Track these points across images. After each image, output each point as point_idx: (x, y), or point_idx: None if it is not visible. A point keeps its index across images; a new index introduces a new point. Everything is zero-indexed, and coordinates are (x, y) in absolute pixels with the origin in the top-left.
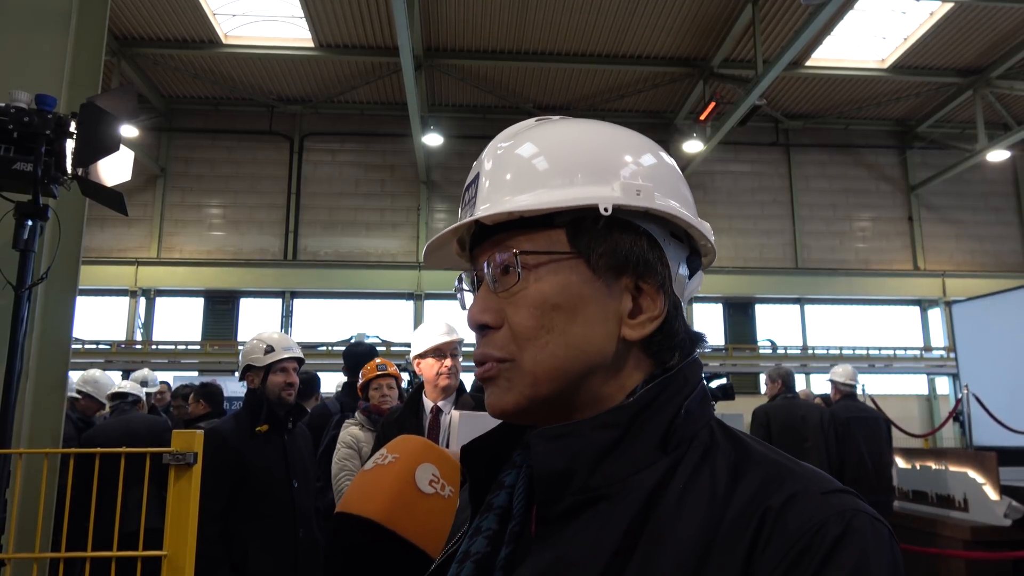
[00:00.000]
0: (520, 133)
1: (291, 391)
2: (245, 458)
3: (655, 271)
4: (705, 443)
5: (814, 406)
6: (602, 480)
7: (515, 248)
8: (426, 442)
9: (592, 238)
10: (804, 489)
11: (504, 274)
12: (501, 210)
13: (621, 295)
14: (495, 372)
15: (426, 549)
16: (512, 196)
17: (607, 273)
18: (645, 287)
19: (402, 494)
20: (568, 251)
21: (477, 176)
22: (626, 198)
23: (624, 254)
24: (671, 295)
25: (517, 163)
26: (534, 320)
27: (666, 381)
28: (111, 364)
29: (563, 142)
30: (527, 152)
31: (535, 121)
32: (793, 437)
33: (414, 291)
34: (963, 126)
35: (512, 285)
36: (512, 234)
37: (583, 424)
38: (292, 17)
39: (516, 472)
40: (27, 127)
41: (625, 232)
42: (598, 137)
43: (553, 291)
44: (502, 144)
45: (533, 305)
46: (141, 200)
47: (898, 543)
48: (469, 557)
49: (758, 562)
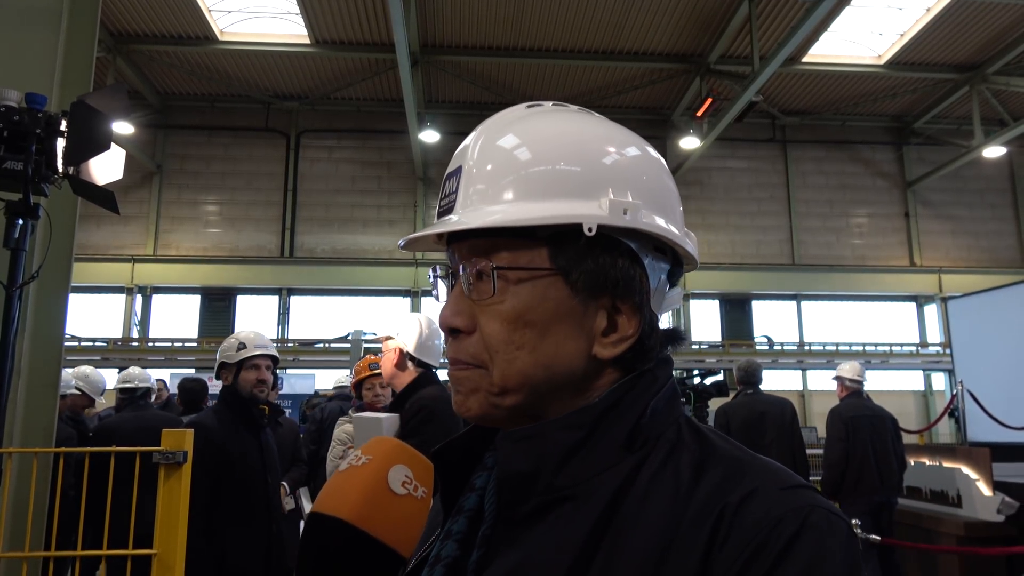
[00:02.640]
0: (509, 124)
1: (263, 387)
2: (228, 451)
3: (634, 290)
4: (671, 441)
5: (776, 400)
6: (567, 480)
7: (493, 259)
8: (400, 443)
9: (573, 256)
10: (762, 485)
11: (479, 280)
12: (480, 224)
13: (596, 314)
14: (463, 376)
15: (398, 550)
16: (493, 203)
17: (585, 292)
18: (622, 306)
19: (375, 495)
20: (547, 268)
21: (459, 170)
22: (612, 218)
23: (604, 274)
24: (647, 313)
25: (502, 164)
26: (505, 333)
27: (633, 380)
28: (107, 361)
29: (551, 143)
30: (513, 151)
31: (526, 108)
32: (751, 434)
33: (411, 288)
34: (959, 122)
35: (487, 296)
36: (491, 241)
37: (549, 425)
38: (288, 13)
39: (487, 474)
40: (17, 126)
41: (607, 251)
42: (588, 141)
43: (528, 307)
44: (488, 135)
45: (506, 319)
46: (137, 197)
47: (857, 539)
48: (440, 561)
49: (715, 559)
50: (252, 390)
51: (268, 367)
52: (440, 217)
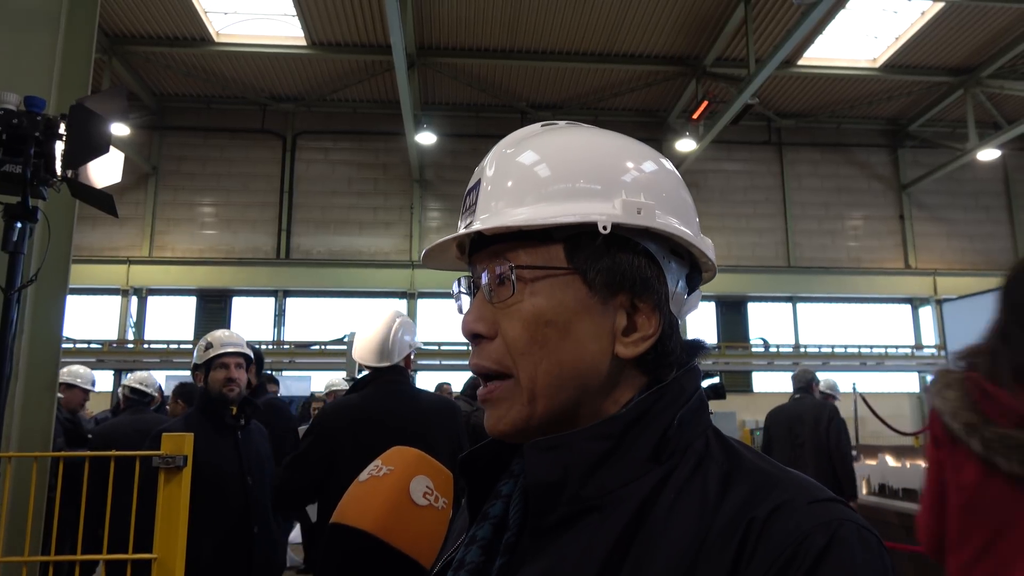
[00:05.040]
0: (524, 140)
1: (232, 386)
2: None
3: (652, 289)
4: (699, 453)
5: (816, 403)
6: (594, 491)
7: (512, 260)
8: (420, 454)
9: (590, 255)
10: (790, 499)
11: (500, 285)
12: (499, 224)
13: (616, 312)
14: (496, 394)
15: (420, 560)
16: (512, 208)
17: (603, 290)
18: (641, 305)
19: (397, 506)
20: (565, 267)
21: (479, 183)
22: (626, 216)
23: (621, 272)
24: (667, 313)
25: (519, 172)
26: (527, 334)
27: (661, 391)
28: (103, 363)
29: (566, 153)
30: (529, 161)
31: (541, 127)
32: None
33: (407, 290)
34: (954, 125)
35: (507, 297)
36: (511, 245)
37: (576, 435)
38: (284, 15)
39: (513, 482)
40: (16, 129)
41: (624, 250)
42: (602, 149)
43: (547, 306)
44: (506, 150)
45: (527, 319)
46: (133, 199)
47: (888, 552)
48: (464, 566)
49: (743, 573)
50: (221, 390)
51: (239, 365)
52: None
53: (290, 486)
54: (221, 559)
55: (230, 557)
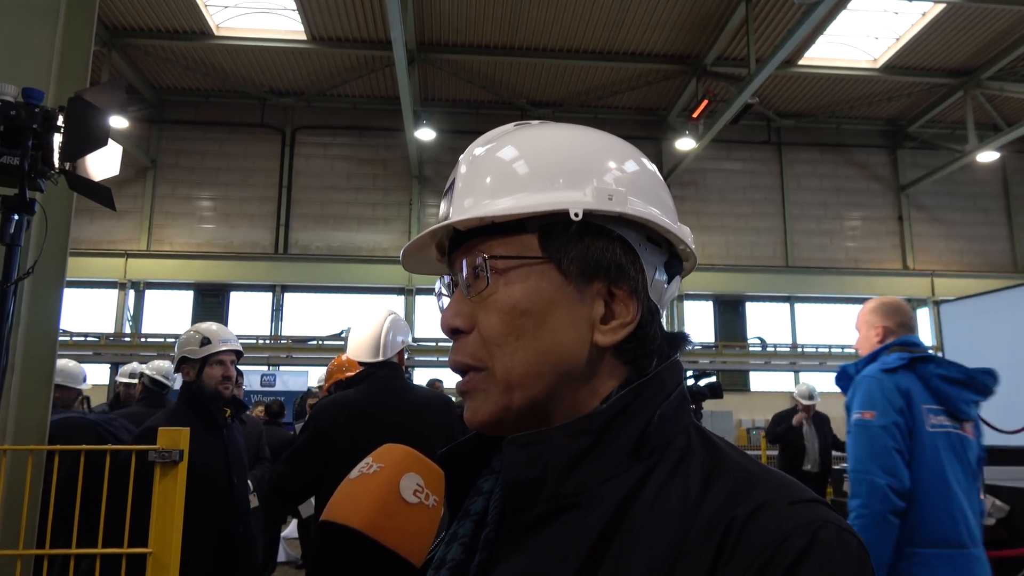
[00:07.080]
0: (497, 138)
1: (228, 384)
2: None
3: (628, 276)
4: (680, 450)
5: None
6: (573, 488)
7: (486, 252)
8: (410, 451)
9: (563, 243)
10: (771, 499)
11: (475, 278)
12: (471, 216)
13: (593, 300)
14: (471, 385)
15: (410, 558)
16: (485, 201)
17: (578, 278)
18: (618, 292)
19: (387, 504)
20: (539, 256)
21: (452, 184)
22: (597, 203)
23: (595, 259)
24: (645, 301)
25: (492, 167)
26: (503, 325)
27: (641, 387)
28: (100, 356)
29: (539, 146)
30: (502, 156)
31: (514, 126)
32: None
33: (405, 286)
34: (953, 126)
35: (483, 289)
36: (485, 239)
37: (555, 431)
38: (284, 9)
39: (494, 478)
40: (14, 121)
41: (597, 237)
42: (574, 141)
43: (522, 296)
44: (478, 149)
45: (502, 310)
46: (131, 192)
47: (868, 555)
48: (444, 564)
49: (722, 573)
50: (217, 387)
51: (233, 362)
52: None
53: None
54: (210, 559)
55: (218, 557)
